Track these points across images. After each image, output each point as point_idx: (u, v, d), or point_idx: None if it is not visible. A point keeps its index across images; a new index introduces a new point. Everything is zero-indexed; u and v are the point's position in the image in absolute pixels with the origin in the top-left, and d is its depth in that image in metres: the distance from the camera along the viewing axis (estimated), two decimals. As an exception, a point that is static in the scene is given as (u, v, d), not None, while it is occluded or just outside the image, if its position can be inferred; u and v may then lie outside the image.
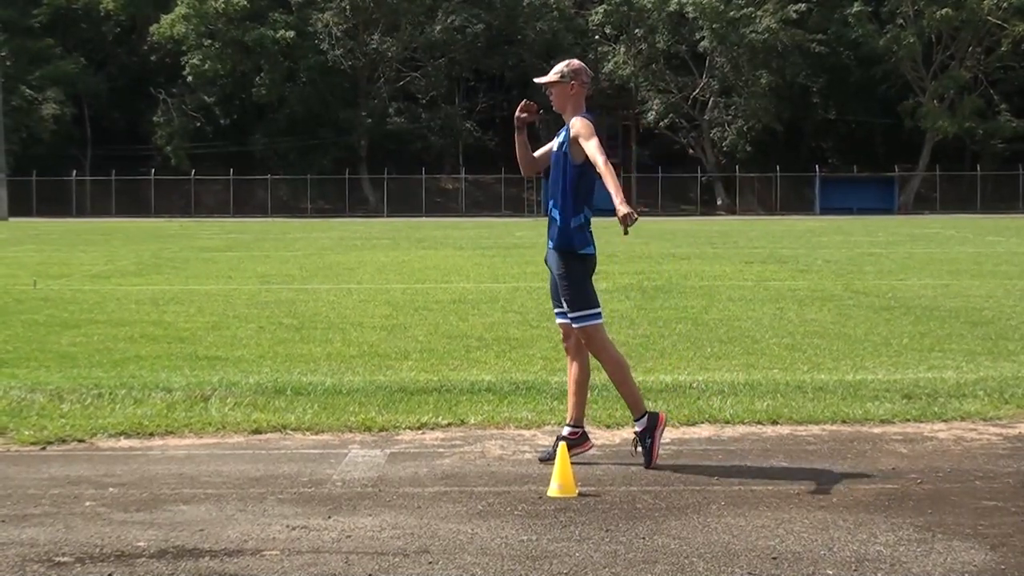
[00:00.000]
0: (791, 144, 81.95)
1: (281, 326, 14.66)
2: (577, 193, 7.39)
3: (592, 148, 7.21)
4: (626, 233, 7.20)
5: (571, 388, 7.59)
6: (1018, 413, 8.97)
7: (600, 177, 7.25)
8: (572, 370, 7.59)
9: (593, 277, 7.54)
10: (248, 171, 78.63)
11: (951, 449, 7.89)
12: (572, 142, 7.37)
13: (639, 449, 7.41)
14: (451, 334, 13.79)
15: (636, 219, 6.97)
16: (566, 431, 7.48)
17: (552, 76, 7.54)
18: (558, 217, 7.41)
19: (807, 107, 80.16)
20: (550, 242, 7.49)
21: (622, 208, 6.89)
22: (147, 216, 73.01)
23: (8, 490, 6.86)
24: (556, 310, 7.65)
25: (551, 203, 7.50)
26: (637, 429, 7.42)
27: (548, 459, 7.26)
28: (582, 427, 7.54)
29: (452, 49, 78.36)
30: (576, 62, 7.61)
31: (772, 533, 5.95)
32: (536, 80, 7.77)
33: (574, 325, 7.46)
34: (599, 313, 7.46)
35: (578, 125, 7.32)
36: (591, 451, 7.54)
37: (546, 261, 7.60)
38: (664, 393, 9.57)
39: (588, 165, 7.35)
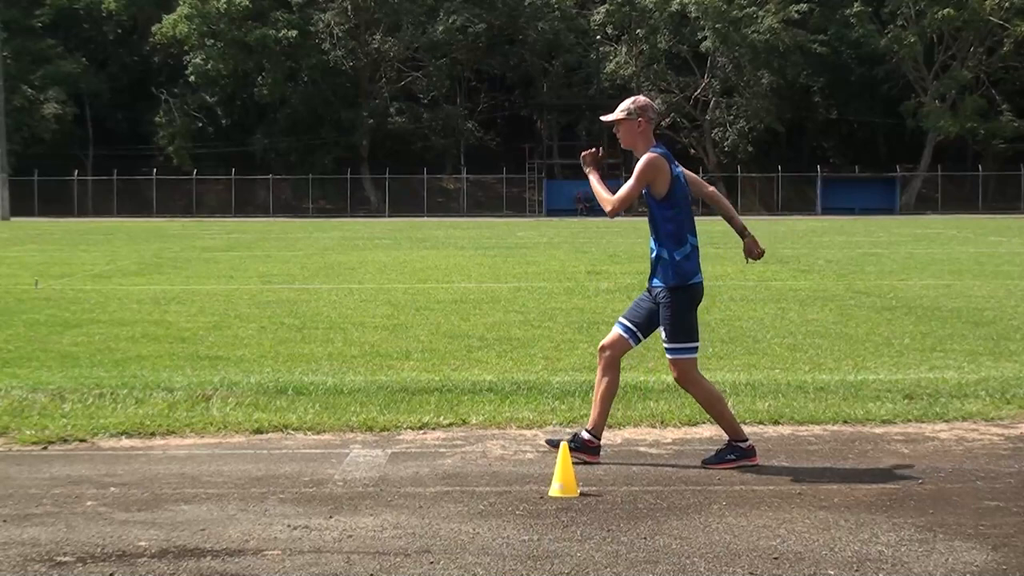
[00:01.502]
0: (793, 144, 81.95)
1: (282, 326, 14.66)
2: (674, 225, 7.35)
3: (624, 188, 7.28)
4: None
5: (596, 398, 7.53)
6: (1020, 413, 8.97)
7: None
8: (602, 383, 7.50)
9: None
10: (250, 171, 78.64)
11: (953, 449, 7.89)
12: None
13: (719, 451, 7.41)
14: (452, 334, 13.79)
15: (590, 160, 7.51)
16: (585, 435, 7.46)
17: (619, 114, 7.49)
18: (663, 254, 7.37)
19: (809, 107, 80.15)
20: (657, 280, 7.41)
21: (594, 161, 7.49)
22: (149, 216, 73.02)
23: (10, 490, 6.87)
24: (623, 321, 7.54)
25: (652, 241, 7.48)
26: (736, 442, 7.38)
27: (555, 445, 7.29)
28: (600, 438, 7.52)
29: (454, 49, 78.35)
30: (642, 98, 7.57)
31: (773, 533, 5.95)
32: (603, 118, 7.71)
33: (668, 356, 7.41)
34: (696, 348, 7.42)
35: (640, 163, 7.31)
36: (596, 463, 7.47)
37: (649, 287, 7.52)
38: (666, 393, 9.56)
39: (675, 194, 7.33)
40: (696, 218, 7.43)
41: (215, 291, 19.61)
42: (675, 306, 7.33)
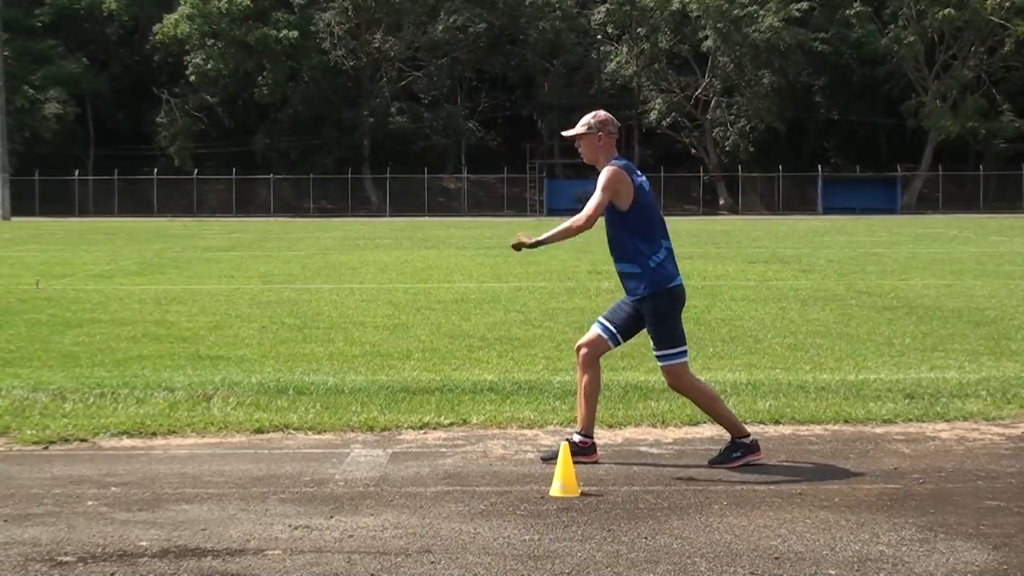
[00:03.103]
0: (794, 144, 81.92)
1: (283, 326, 14.66)
2: (645, 233, 7.33)
3: (592, 201, 7.29)
4: (515, 246, 7.62)
5: (581, 399, 7.51)
6: (1021, 413, 8.97)
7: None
8: (583, 381, 7.49)
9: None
10: (251, 171, 78.65)
11: (953, 449, 7.89)
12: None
13: (723, 450, 7.41)
14: (453, 334, 13.79)
15: (520, 247, 7.59)
16: (576, 438, 7.44)
17: (580, 128, 7.50)
18: (637, 268, 7.33)
19: (810, 107, 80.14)
20: (631, 297, 7.39)
21: (525, 240, 7.50)
22: (150, 216, 73.03)
23: (11, 490, 6.87)
24: (602, 321, 7.52)
25: (616, 259, 7.45)
26: (739, 439, 7.39)
27: (550, 459, 7.24)
28: (592, 437, 7.51)
29: (454, 49, 78.37)
30: (602, 113, 7.58)
31: (774, 533, 5.95)
32: (564, 133, 7.75)
33: (660, 363, 7.43)
34: (685, 351, 7.41)
35: (601, 176, 7.32)
36: (595, 462, 7.47)
37: (627, 296, 7.49)
38: (666, 393, 9.54)
39: (640, 203, 7.32)
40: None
41: (216, 291, 19.62)
42: (658, 312, 7.31)
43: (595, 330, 7.52)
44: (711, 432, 8.33)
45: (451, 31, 77.20)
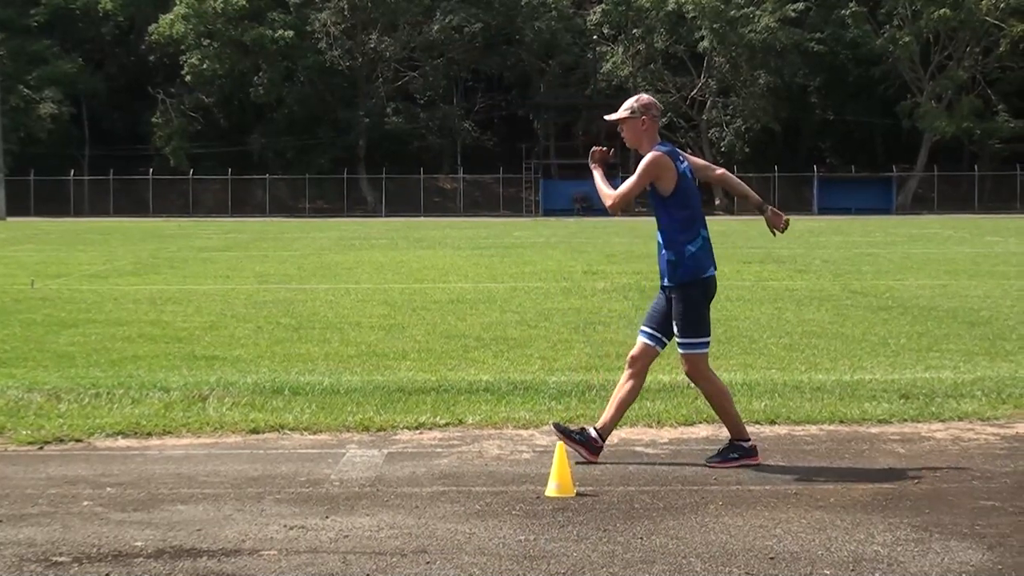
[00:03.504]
0: (789, 144, 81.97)
1: (279, 326, 14.66)
2: (684, 221, 7.36)
3: (626, 183, 7.32)
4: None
5: (615, 401, 7.51)
6: (1015, 413, 8.98)
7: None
8: (624, 388, 7.49)
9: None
10: (246, 171, 78.59)
11: (948, 449, 7.90)
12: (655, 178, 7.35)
13: (721, 450, 7.42)
14: (449, 334, 13.79)
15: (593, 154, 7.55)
16: (593, 433, 7.46)
17: (623, 112, 7.49)
18: (674, 254, 7.35)
19: (805, 107, 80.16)
20: (667, 280, 7.39)
21: (600, 156, 7.52)
22: (145, 216, 72.95)
23: (6, 490, 6.86)
24: (645, 329, 7.52)
25: (661, 242, 7.45)
26: (738, 442, 7.40)
27: (561, 429, 7.44)
28: (605, 441, 7.52)
29: (450, 49, 78.35)
30: (645, 96, 7.59)
31: (769, 533, 5.96)
32: (607, 117, 7.71)
33: (681, 351, 7.43)
34: (708, 342, 7.44)
35: (643, 161, 7.32)
36: (592, 463, 7.47)
37: (662, 286, 7.50)
38: (662, 393, 9.57)
39: (682, 188, 7.34)
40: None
41: (212, 291, 19.60)
42: (688, 301, 7.34)
43: (641, 340, 7.53)
44: (706, 432, 8.34)
45: (447, 31, 77.18)
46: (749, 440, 7.45)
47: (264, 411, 8.93)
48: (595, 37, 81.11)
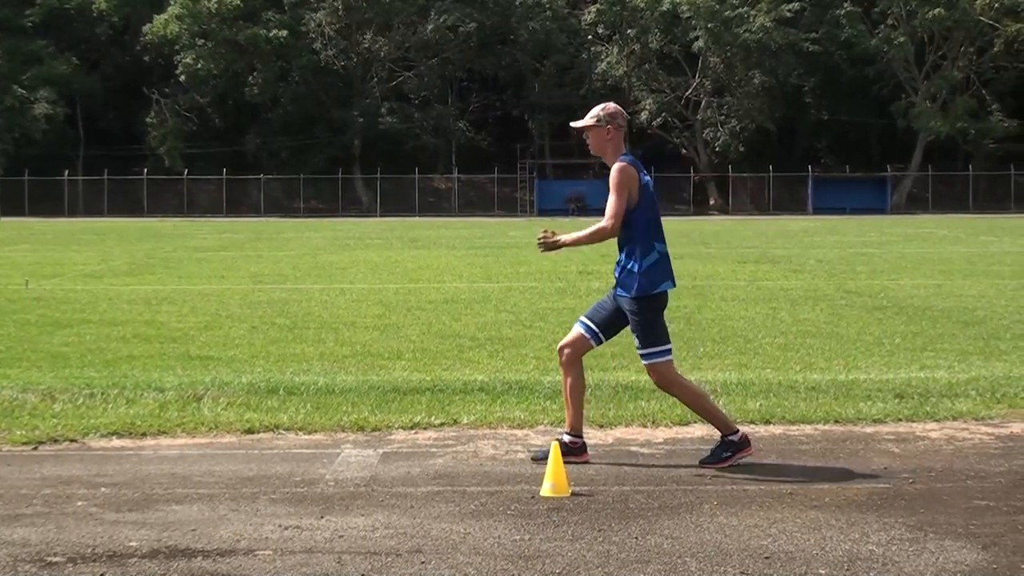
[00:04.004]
0: (784, 144, 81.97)
1: (274, 326, 14.65)
2: (641, 234, 7.35)
3: (611, 205, 7.28)
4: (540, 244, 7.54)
5: (567, 399, 7.54)
6: (1009, 413, 8.99)
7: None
8: (567, 382, 7.51)
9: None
10: (241, 171, 78.50)
11: (943, 449, 7.90)
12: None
13: (713, 450, 7.41)
14: (444, 334, 13.79)
15: (544, 245, 7.49)
16: (566, 439, 7.45)
17: (588, 120, 7.50)
18: (632, 265, 7.35)
19: (800, 107, 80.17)
20: (621, 290, 7.39)
21: (553, 238, 7.45)
22: (140, 216, 72.85)
23: (0, 490, 6.85)
24: (584, 320, 7.53)
25: (620, 252, 7.46)
26: (729, 437, 7.39)
27: (541, 459, 7.24)
28: (582, 436, 7.52)
29: (445, 49, 78.30)
30: (612, 105, 7.59)
31: (764, 532, 5.96)
32: (572, 124, 7.73)
33: (644, 362, 7.42)
34: (669, 349, 7.42)
35: (612, 175, 7.33)
36: (585, 462, 7.47)
37: (615, 294, 7.49)
38: (657, 393, 9.54)
39: (643, 200, 7.33)
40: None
41: (206, 291, 19.59)
42: (642, 315, 7.33)
43: (577, 329, 7.54)
44: (701, 432, 8.34)
45: (442, 31, 77.12)
46: (737, 432, 7.44)
47: (259, 411, 8.93)
48: (590, 37, 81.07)
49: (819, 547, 5.72)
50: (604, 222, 7.36)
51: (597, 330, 7.47)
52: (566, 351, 7.50)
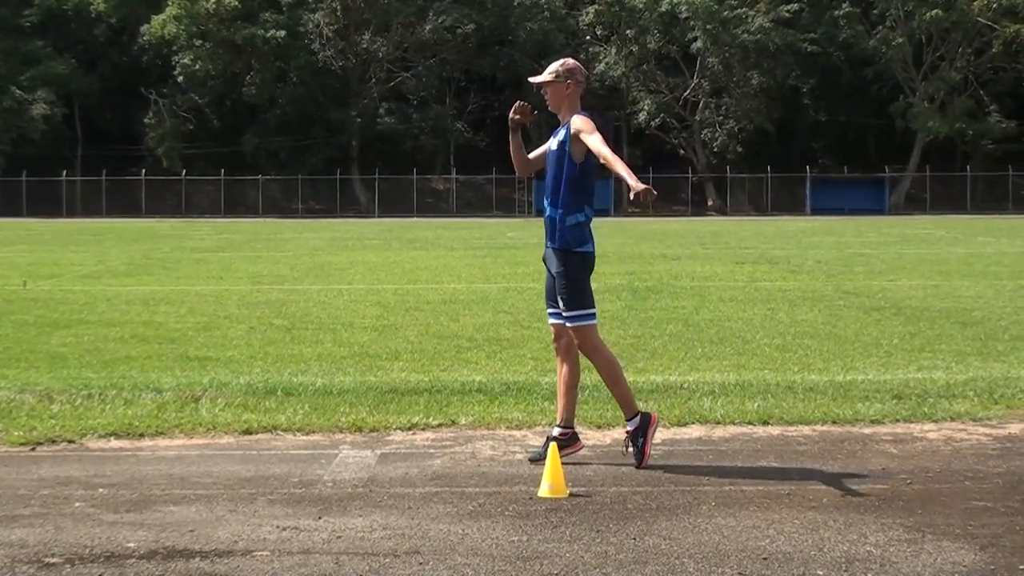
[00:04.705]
0: (782, 145, 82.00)
1: (272, 327, 14.65)
2: (577, 191, 7.38)
3: (596, 142, 7.20)
4: (645, 206, 7.15)
5: (561, 389, 7.60)
6: (1007, 414, 8.99)
7: (609, 169, 7.24)
8: (562, 372, 7.59)
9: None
10: (239, 171, 78.49)
11: (941, 449, 7.91)
12: (573, 139, 7.34)
13: (630, 449, 7.41)
14: (442, 335, 13.79)
15: (655, 194, 6.96)
16: (556, 432, 7.48)
17: (547, 76, 7.53)
18: (556, 216, 7.39)
19: (798, 108, 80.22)
20: (549, 242, 7.49)
21: (638, 185, 6.89)
22: (138, 216, 72.84)
23: (-2, 491, 6.85)
24: (549, 310, 7.66)
25: (547, 202, 7.48)
26: (629, 429, 7.43)
27: (538, 460, 7.26)
28: (572, 428, 7.55)
29: (443, 49, 78.31)
30: (571, 61, 7.62)
31: (762, 533, 5.96)
32: (531, 79, 7.78)
33: (568, 324, 7.46)
34: (594, 314, 7.48)
35: (579, 122, 7.32)
36: (581, 451, 7.55)
37: (544, 260, 7.61)
38: (655, 393, 9.57)
39: (589, 163, 7.34)
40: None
41: (204, 292, 19.59)
42: (568, 273, 7.37)
43: (551, 321, 7.67)
44: (699, 433, 8.35)
45: (440, 32, 77.13)
46: (638, 412, 7.43)
47: (257, 412, 8.93)
48: (588, 38, 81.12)
49: (817, 548, 5.72)
50: (610, 152, 7.10)
51: (559, 310, 7.50)
52: (561, 340, 7.60)
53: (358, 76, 79.45)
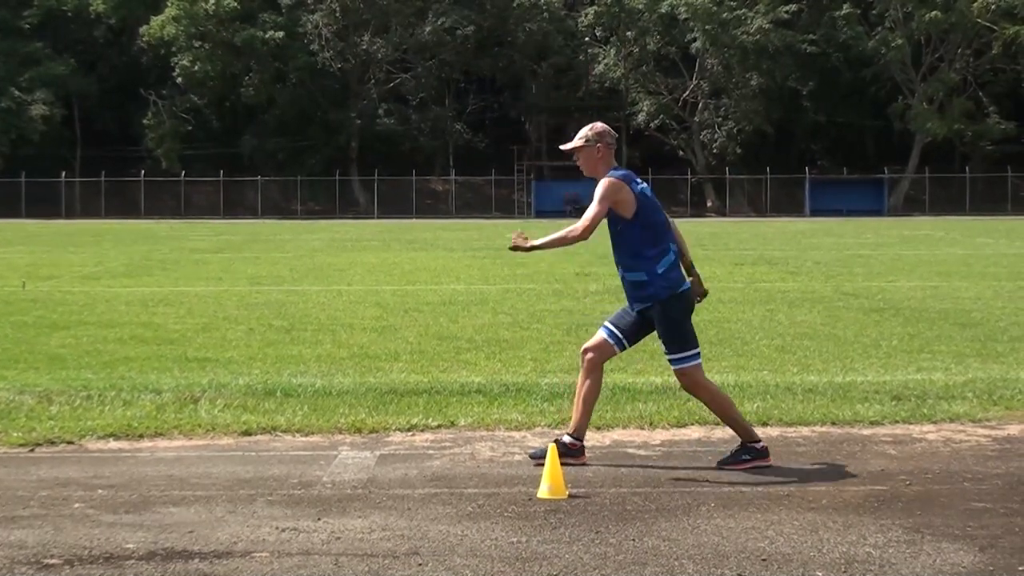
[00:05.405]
0: (781, 146, 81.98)
1: (271, 328, 14.64)
2: (651, 240, 7.34)
3: (588, 212, 7.28)
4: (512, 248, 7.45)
5: (578, 400, 7.52)
6: (1006, 415, 8.99)
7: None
8: (585, 384, 7.49)
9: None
10: (238, 172, 78.48)
11: (940, 451, 7.91)
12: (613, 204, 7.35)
13: (734, 451, 7.41)
14: (441, 336, 13.79)
15: (516, 249, 7.35)
16: (567, 439, 7.44)
17: (577, 142, 7.52)
18: (645, 275, 7.32)
19: (797, 109, 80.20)
20: (641, 303, 7.35)
21: (522, 243, 7.30)
22: (137, 218, 72.81)
23: (-3, 492, 6.85)
24: (609, 326, 7.51)
25: (622, 269, 7.43)
26: (750, 444, 7.40)
27: (539, 457, 7.24)
28: (582, 440, 7.51)
29: (442, 50, 78.31)
30: (599, 124, 7.60)
31: (762, 535, 5.96)
32: (562, 147, 7.77)
33: (672, 367, 7.43)
34: (698, 353, 7.42)
35: (600, 186, 7.34)
36: (583, 464, 7.47)
37: (631, 305, 7.45)
38: (654, 394, 9.57)
39: (641, 211, 7.32)
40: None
41: (204, 293, 19.58)
42: (669, 317, 7.32)
43: (601, 335, 7.52)
44: (698, 434, 8.35)
45: (439, 33, 77.13)
46: (760, 441, 7.46)
47: (256, 413, 8.92)
48: (587, 39, 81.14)
49: (816, 549, 5.72)
50: (577, 225, 7.34)
51: (621, 336, 7.47)
52: (589, 355, 7.50)
53: (357, 77, 79.44)
